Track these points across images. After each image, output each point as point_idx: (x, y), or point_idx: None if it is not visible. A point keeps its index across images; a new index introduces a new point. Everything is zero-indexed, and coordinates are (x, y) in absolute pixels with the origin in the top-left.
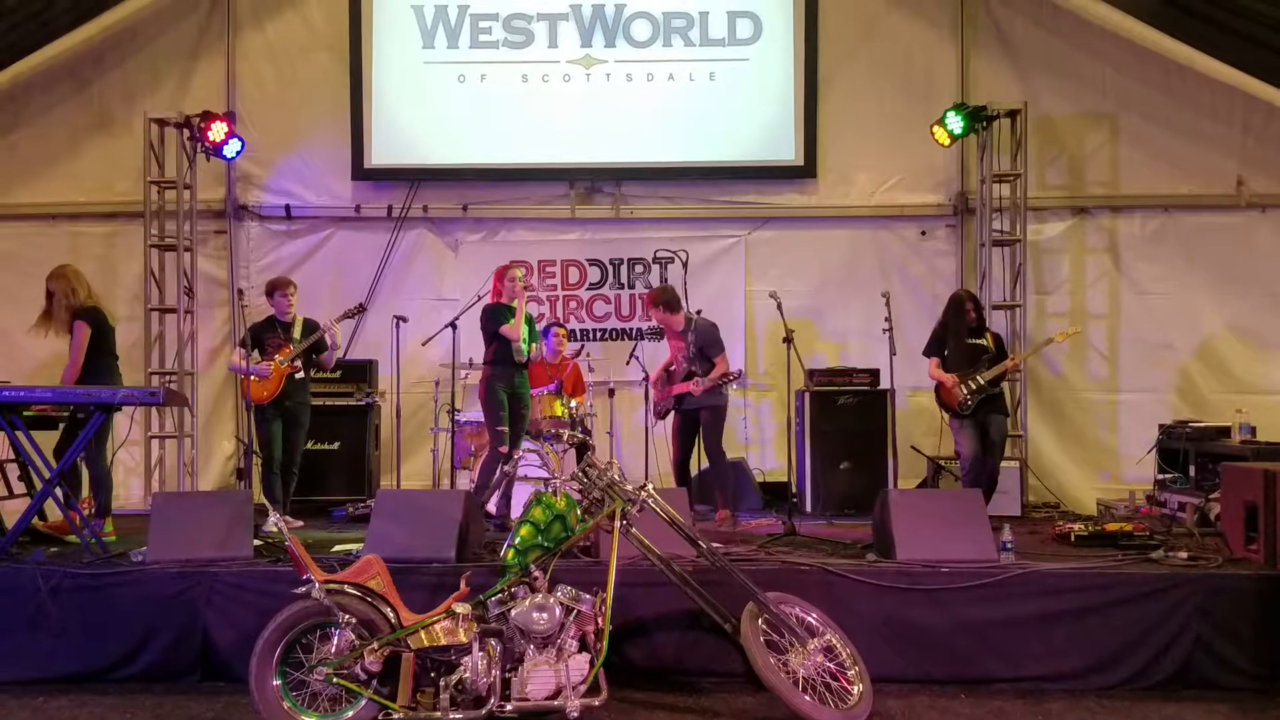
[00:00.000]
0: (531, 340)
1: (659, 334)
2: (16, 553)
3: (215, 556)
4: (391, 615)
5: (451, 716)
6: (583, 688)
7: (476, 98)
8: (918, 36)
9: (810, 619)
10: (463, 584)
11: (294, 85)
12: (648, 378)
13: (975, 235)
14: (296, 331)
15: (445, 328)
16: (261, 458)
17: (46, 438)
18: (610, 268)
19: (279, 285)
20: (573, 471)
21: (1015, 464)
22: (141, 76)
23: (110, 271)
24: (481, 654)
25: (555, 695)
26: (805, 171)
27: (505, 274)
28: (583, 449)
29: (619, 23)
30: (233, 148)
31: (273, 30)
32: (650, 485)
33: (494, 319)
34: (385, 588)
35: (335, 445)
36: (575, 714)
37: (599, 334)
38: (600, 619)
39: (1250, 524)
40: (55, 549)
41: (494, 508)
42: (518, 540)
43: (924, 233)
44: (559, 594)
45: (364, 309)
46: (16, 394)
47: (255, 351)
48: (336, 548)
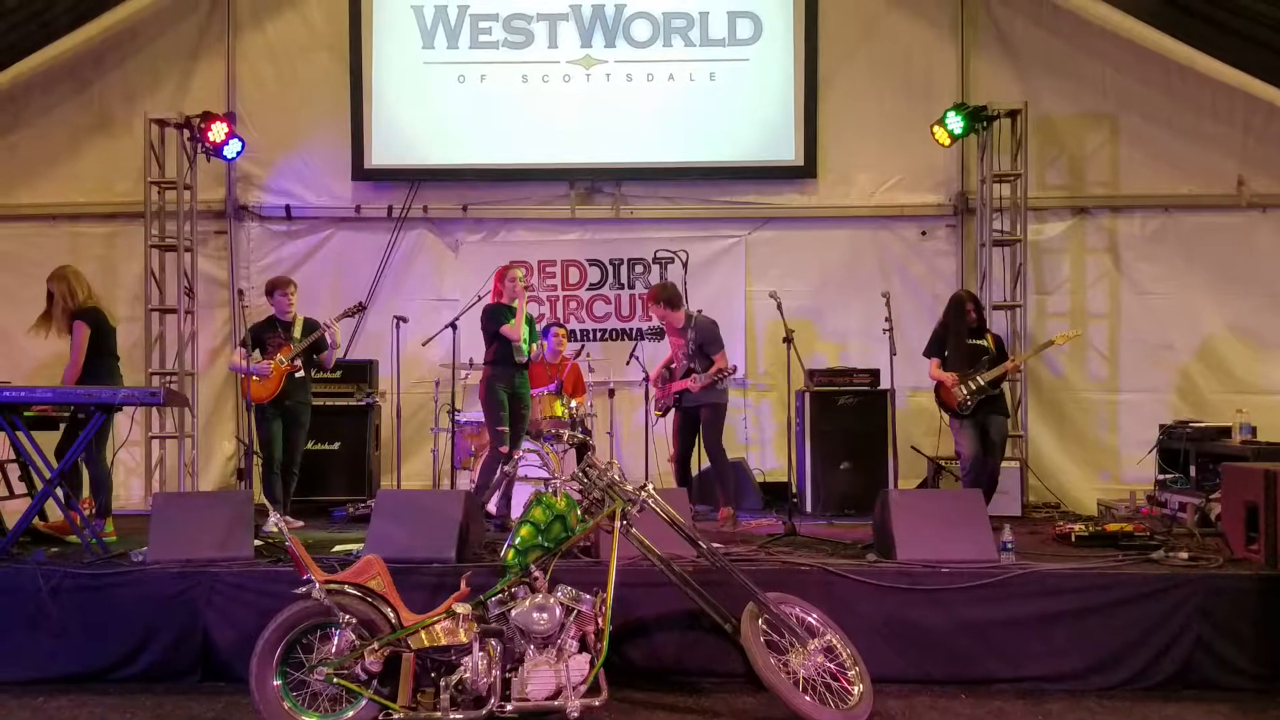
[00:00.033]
0: (532, 340)
1: (659, 334)
2: (17, 553)
3: (216, 557)
4: (392, 615)
5: (452, 717)
6: (583, 688)
7: (476, 98)
8: (918, 36)
9: (810, 619)
10: (463, 584)
11: (294, 85)
12: (648, 377)
13: (975, 235)
14: (297, 331)
15: (445, 328)
16: (262, 458)
17: (47, 438)
18: (610, 268)
19: (279, 284)
20: (573, 472)
21: (1016, 464)
22: (142, 77)
23: (111, 272)
24: (482, 654)
25: (555, 695)
26: (805, 172)
27: (506, 274)
28: (583, 449)
29: (619, 23)
30: (233, 148)
31: (273, 31)
32: (650, 485)
33: (495, 319)
34: (385, 588)
35: (335, 445)
36: (575, 714)
37: (599, 334)
38: (600, 619)
39: (1251, 524)
40: (56, 549)
41: (494, 508)
42: (518, 540)
43: (924, 233)
44: (559, 594)
45: (364, 308)
46: (17, 394)
47: (256, 351)
48: (337, 548)
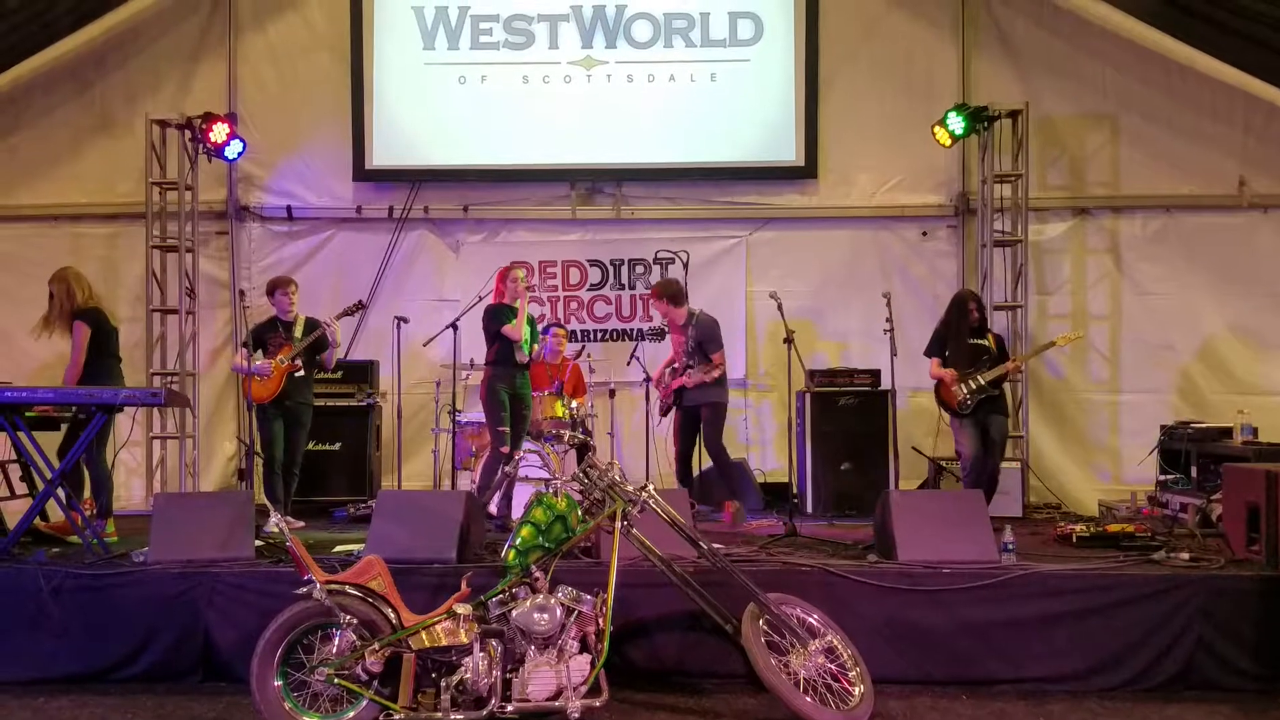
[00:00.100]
0: (533, 341)
1: (660, 334)
2: (18, 553)
3: (217, 557)
4: (392, 616)
5: (453, 717)
6: (584, 688)
7: (477, 99)
8: (918, 37)
9: (811, 620)
10: (464, 585)
11: (295, 86)
12: (649, 378)
13: (976, 236)
14: (298, 330)
15: (446, 328)
16: (263, 458)
17: (49, 438)
18: (611, 268)
19: (280, 284)
20: (573, 472)
21: (1017, 465)
22: (143, 78)
23: (112, 272)
24: (482, 655)
25: (556, 696)
26: (806, 172)
27: (507, 274)
28: (583, 450)
29: (620, 24)
30: (234, 149)
31: (274, 32)
32: (651, 486)
33: (496, 319)
34: (386, 588)
35: (336, 446)
36: (576, 715)
37: (599, 335)
38: (601, 620)
39: (1252, 525)
40: (57, 549)
41: (495, 508)
42: (519, 541)
43: (925, 233)
44: (560, 595)
45: (363, 306)
46: (18, 394)
47: (258, 351)
48: (338, 548)
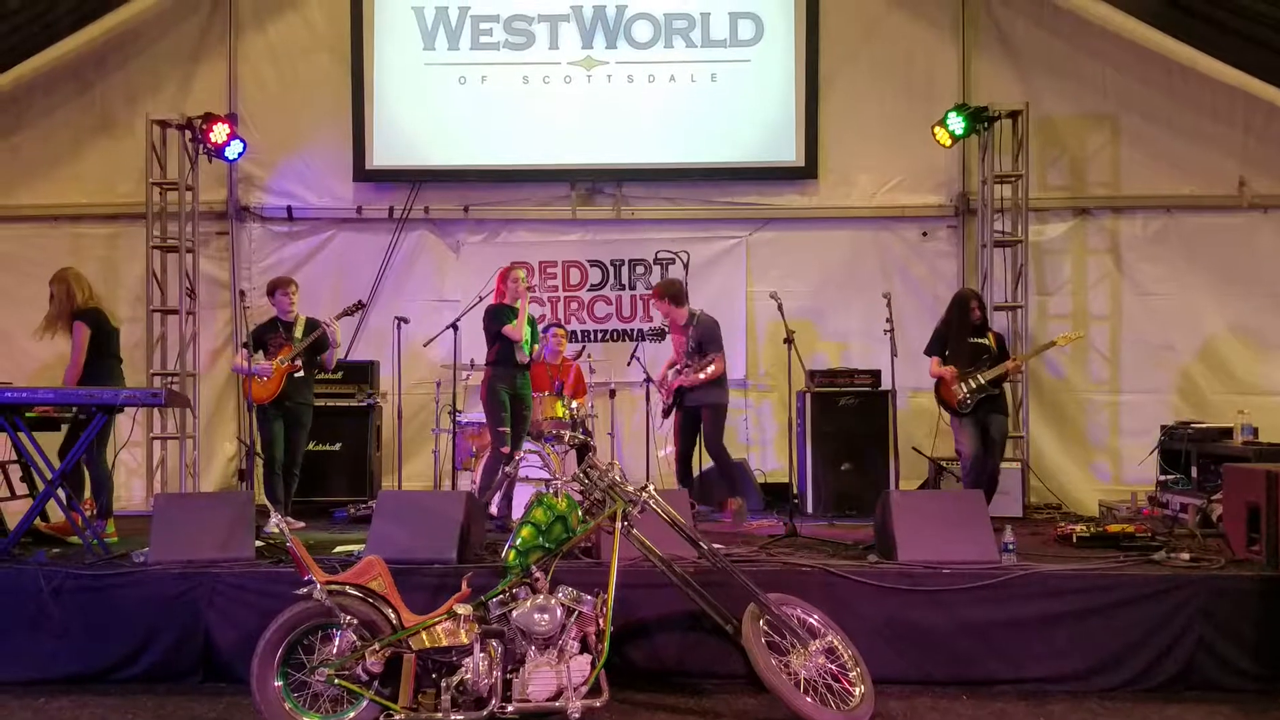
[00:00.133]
0: (534, 341)
1: (660, 335)
2: (19, 553)
3: (217, 557)
4: (393, 616)
5: (453, 718)
6: (584, 689)
7: (477, 99)
8: (919, 37)
9: (812, 620)
10: (464, 585)
11: (295, 87)
12: (649, 378)
13: (976, 236)
14: (298, 331)
15: (447, 329)
16: (263, 458)
17: (50, 439)
18: (611, 269)
19: (280, 284)
20: (574, 473)
21: (1017, 465)
22: (143, 78)
23: (112, 273)
24: (483, 655)
25: (556, 696)
26: (806, 172)
27: (508, 275)
28: (584, 450)
29: (620, 24)
30: (234, 149)
31: (274, 32)
32: (651, 486)
33: (497, 319)
34: (387, 589)
35: (337, 446)
36: (576, 715)
37: (600, 335)
38: (601, 620)
39: (1252, 525)
40: (57, 550)
41: (495, 509)
42: (519, 541)
43: (925, 234)
44: (560, 595)
45: (363, 306)
46: (19, 395)
47: (259, 352)
48: (338, 549)
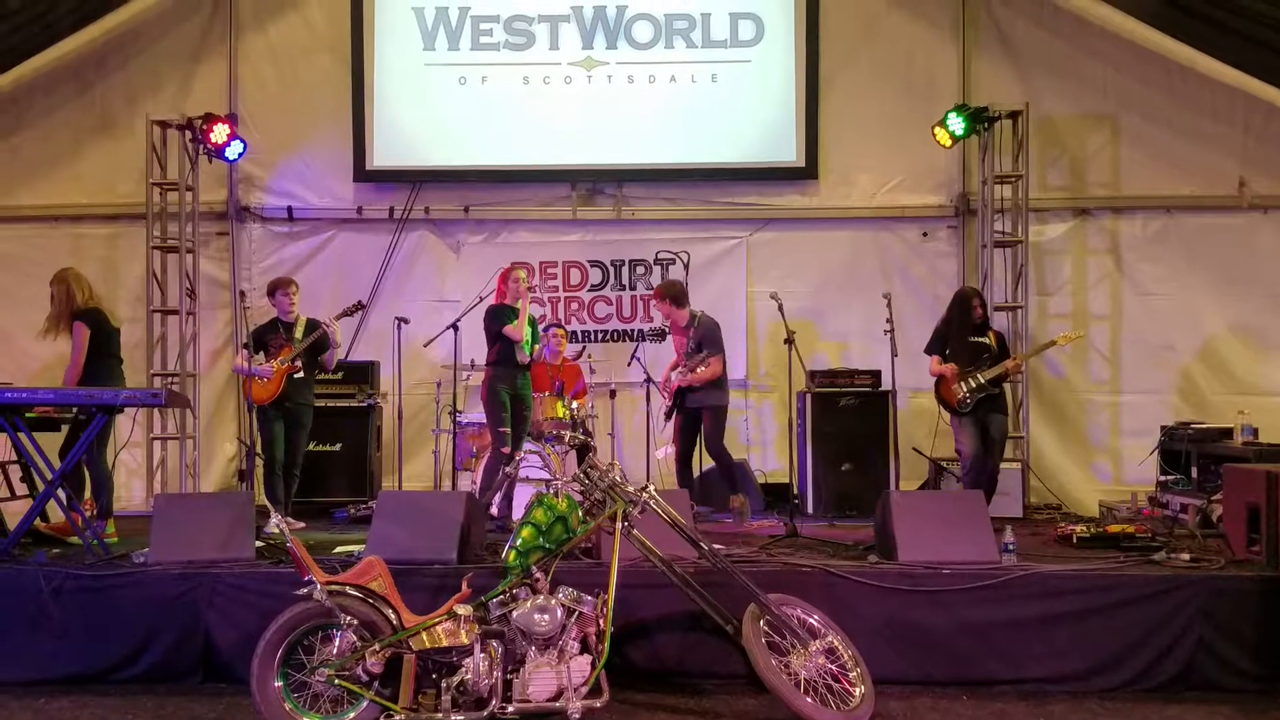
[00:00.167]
0: (534, 341)
1: (660, 335)
2: (19, 554)
3: (217, 558)
4: (393, 616)
5: (453, 718)
6: (584, 689)
7: (478, 99)
8: (919, 38)
9: (812, 620)
10: (464, 585)
11: (296, 87)
12: (649, 378)
13: (977, 236)
14: (299, 332)
15: (447, 329)
16: (263, 459)
17: (50, 439)
18: (611, 269)
19: (280, 284)
20: (574, 473)
21: (1017, 465)
22: (144, 78)
23: (112, 273)
24: (483, 655)
25: (557, 697)
26: (807, 173)
27: (509, 275)
28: (584, 450)
29: (620, 24)
30: (235, 149)
31: (274, 32)
32: (652, 487)
33: (497, 319)
34: (387, 589)
35: (337, 446)
36: (577, 715)
37: (600, 335)
38: (602, 620)
39: (1252, 525)
40: (57, 550)
41: (495, 509)
42: (519, 542)
43: (925, 234)
44: (560, 595)
45: (363, 306)
46: (19, 395)
47: (259, 353)
48: (338, 549)
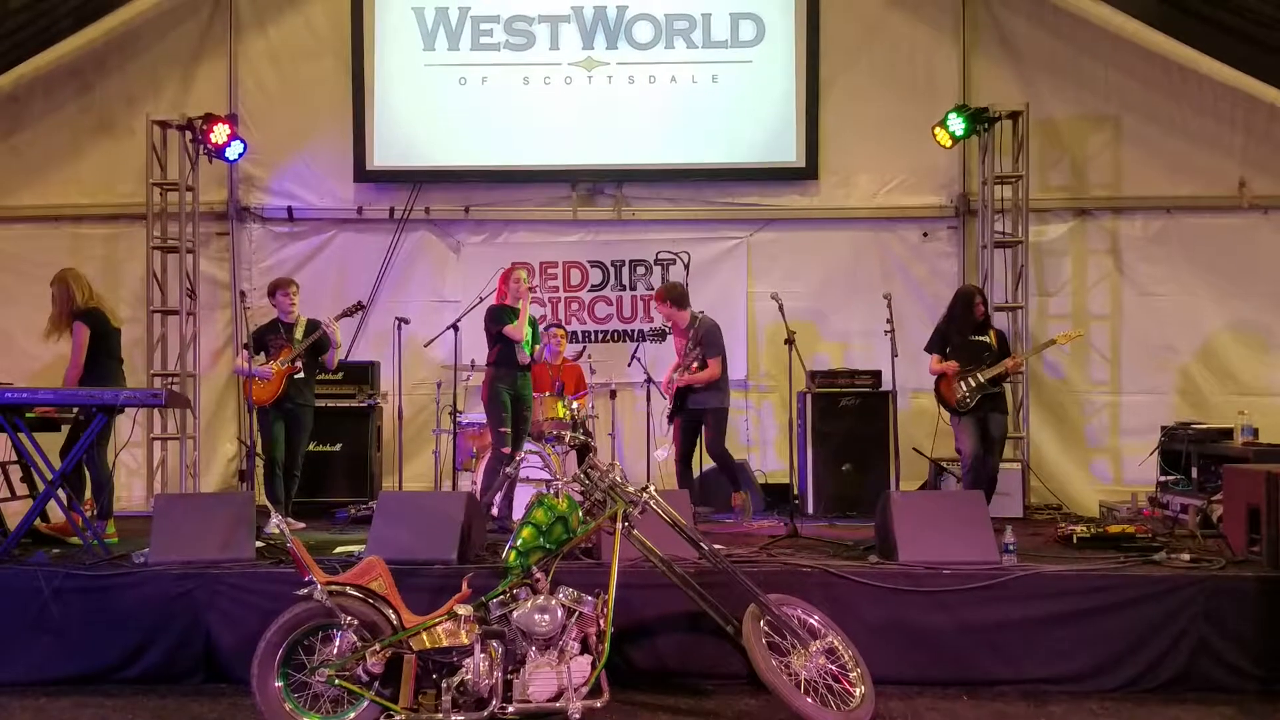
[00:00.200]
0: (535, 342)
1: (660, 335)
2: (19, 554)
3: (217, 558)
4: (393, 617)
5: (454, 718)
6: (584, 689)
7: (478, 100)
8: (919, 38)
9: (812, 621)
10: (464, 585)
11: (296, 87)
12: (650, 379)
13: (977, 237)
14: (299, 332)
15: (447, 329)
16: (264, 459)
17: (50, 439)
18: (612, 269)
19: (281, 285)
20: (574, 473)
21: (1017, 466)
22: (144, 79)
23: (112, 273)
24: (483, 655)
25: (557, 697)
26: (807, 173)
27: (510, 275)
28: (584, 451)
29: (621, 25)
30: (235, 150)
31: (275, 33)
32: (652, 487)
33: (497, 319)
34: (387, 589)
35: (337, 447)
36: (577, 715)
37: (600, 335)
38: (602, 620)
39: (1253, 526)
40: (58, 550)
41: (496, 510)
42: (519, 542)
43: (926, 234)
44: (561, 596)
45: (363, 307)
46: (19, 395)
47: (260, 354)
48: (338, 549)
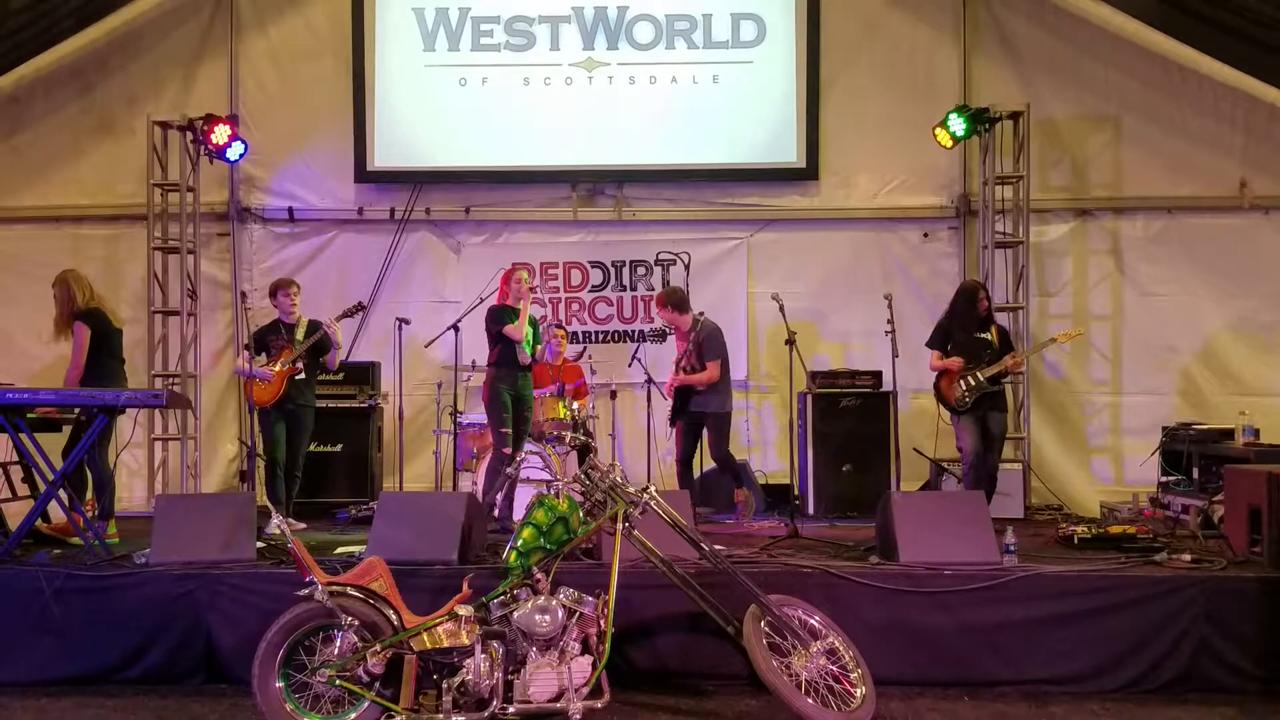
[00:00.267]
0: (535, 342)
1: (661, 336)
2: (20, 555)
3: (218, 559)
4: (394, 617)
5: (454, 719)
6: (585, 690)
7: (478, 100)
8: (920, 38)
9: (813, 621)
10: (465, 586)
11: (296, 88)
12: (650, 379)
13: (978, 237)
14: (300, 332)
15: (448, 330)
16: (265, 460)
17: (51, 440)
18: (612, 270)
19: (282, 285)
20: (575, 474)
21: (1018, 466)
22: (145, 79)
23: (113, 274)
24: (484, 656)
25: (558, 697)
26: (807, 173)
27: (511, 276)
28: (585, 451)
29: (621, 25)
30: (235, 150)
31: (275, 33)
32: (652, 487)
33: (498, 320)
34: (388, 590)
35: (338, 447)
36: (578, 716)
37: (601, 336)
38: (602, 621)
39: (1254, 526)
40: (59, 551)
41: (496, 510)
42: (520, 542)
43: (926, 235)
44: (561, 596)
45: (363, 307)
46: (20, 396)
47: (261, 354)
48: (339, 550)
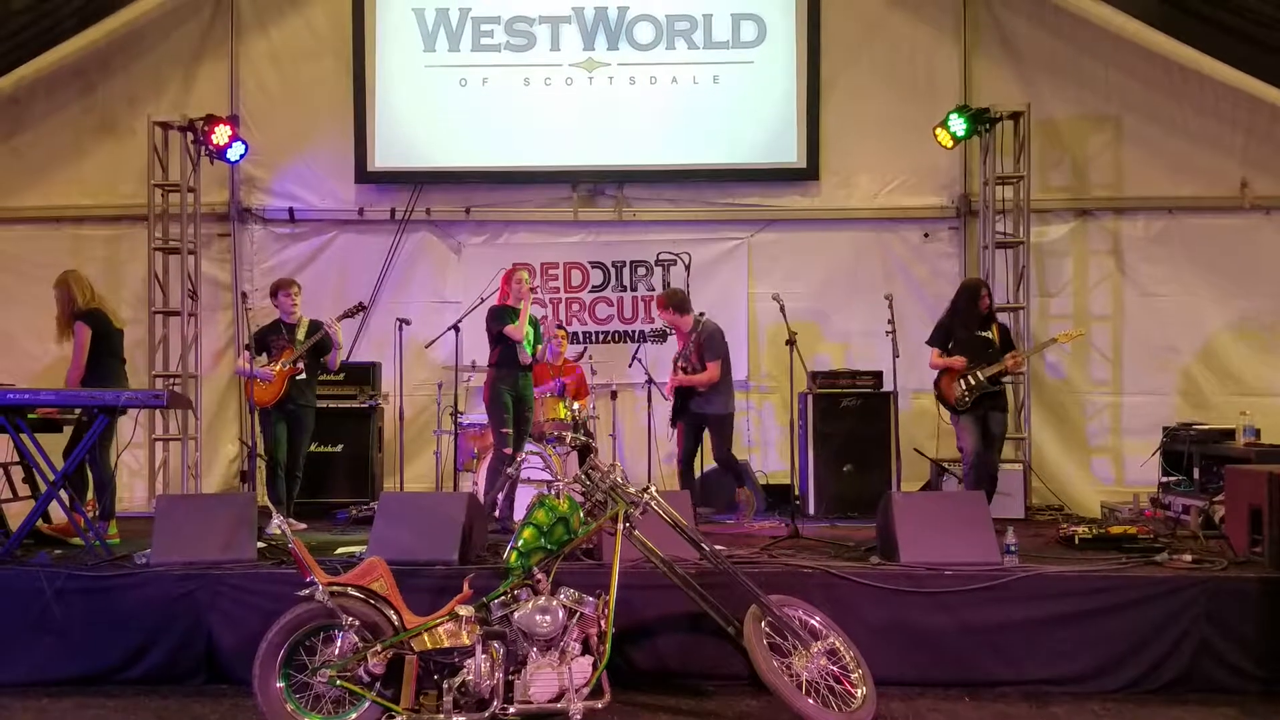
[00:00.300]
0: (536, 342)
1: (661, 336)
2: (21, 555)
3: (219, 559)
4: (394, 617)
5: (455, 719)
6: (585, 690)
7: (478, 101)
8: (920, 38)
9: (814, 622)
10: (465, 586)
11: (297, 89)
12: (650, 379)
13: (978, 237)
14: (301, 333)
15: (448, 330)
16: (266, 460)
17: (51, 440)
18: (613, 270)
19: (282, 285)
20: (576, 474)
21: (1019, 466)
22: (146, 80)
23: (114, 274)
24: (484, 656)
25: (558, 698)
26: (808, 174)
27: (512, 276)
28: (585, 451)
29: (621, 25)
30: (236, 151)
31: (276, 34)
32: (653, 488)
33: (499, 320)
34: (388, 590)
35: (339, 447)
36: (578, 716)
37: (601, 336)
38: (603, 621)
39: (1255, 526)
40: (59, 551)
41: (497, 510)
42: (520, 543)
43: (927, 235)
44: (562, 596)
45: (364, 308)
46: (21, 396)
47: (262, 355)
48: (340, 550)
